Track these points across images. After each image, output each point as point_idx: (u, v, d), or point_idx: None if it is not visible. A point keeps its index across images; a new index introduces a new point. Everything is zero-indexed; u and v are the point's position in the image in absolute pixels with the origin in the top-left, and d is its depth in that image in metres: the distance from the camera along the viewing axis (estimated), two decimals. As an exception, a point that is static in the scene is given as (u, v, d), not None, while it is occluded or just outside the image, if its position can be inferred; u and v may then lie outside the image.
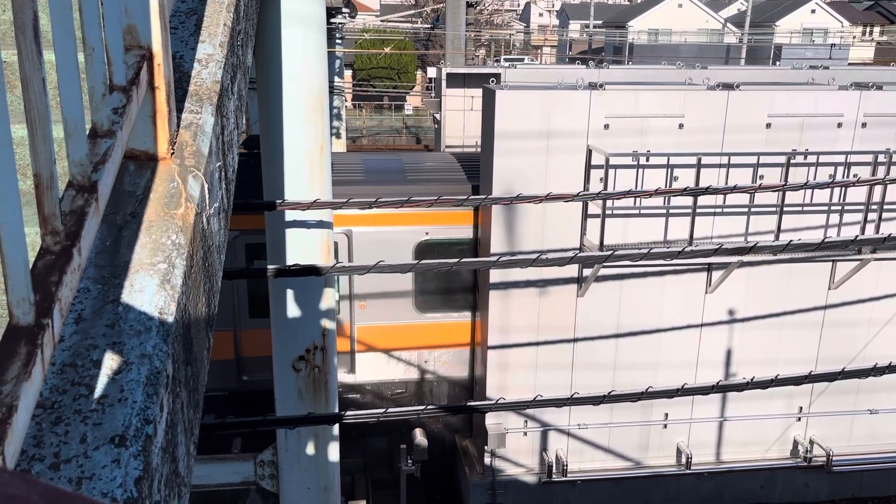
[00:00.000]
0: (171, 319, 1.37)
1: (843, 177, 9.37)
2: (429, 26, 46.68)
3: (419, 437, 10.12)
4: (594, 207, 8.93)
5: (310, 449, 5.39)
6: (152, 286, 1.39)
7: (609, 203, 8.79)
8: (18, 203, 0.97)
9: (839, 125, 9.42)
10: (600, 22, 53.44)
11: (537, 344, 9.73)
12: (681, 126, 9.15)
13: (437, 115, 14.92)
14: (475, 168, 10.24)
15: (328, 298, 5.20)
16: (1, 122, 0.94)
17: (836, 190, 9.48)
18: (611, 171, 8.84)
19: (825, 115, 9.37)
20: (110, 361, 1.25)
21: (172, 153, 1.69)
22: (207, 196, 1.76)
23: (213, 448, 7.91)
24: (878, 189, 9.20)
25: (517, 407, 4.63)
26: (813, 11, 51.84)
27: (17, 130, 1.63)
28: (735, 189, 4.92)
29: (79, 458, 1.11)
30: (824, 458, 10.41)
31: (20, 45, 1.03)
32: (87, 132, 1.33)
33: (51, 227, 1.12)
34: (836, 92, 9.55)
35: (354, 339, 10.21)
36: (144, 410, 1.20)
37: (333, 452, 5.53)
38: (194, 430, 1.60)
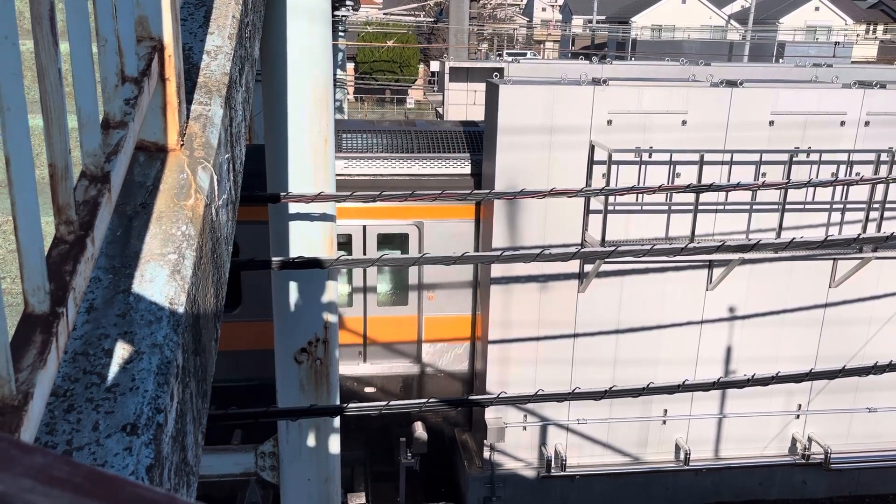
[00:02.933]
0: (181, 310, 1.38)
1: (846, 175, 9.37)
2: (432, 20, 46.61)
3: (419, 430, 10.15)
4: (596, 203, 8.94)
5: (311, 441, 5.42)
6: (163, 276, 1.39)
7: (611, 199, 8.79)
8: (35, 192, 0.98)
9: (842, 123, 9.42)
10: (603, 17, 53.32)
11: (538, 339, 9.75)
12: (684, 123, 9.14)
13: (440, 109, 14.92)
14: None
15: (330, 291, 5.21)
16: (19, 112, 0.94)
17: (839, 188, 9.48)
18: (613, 167, 8.84)
19: (828, 114, 9.36)
20: (122, 351, 1.26)
21: (182, 144, 1.70)
22: (216, 187, 1.77)
23: (214, 439, 7.94)
24: (880, 188, 9.19)
25: (518, 401, 4.66)
26: (816, 9, 51.73)
27: (31, 120, 1.64)
28: (737, 186, 4.93)
29: (91, 446, 1.12)
30: (822, 456, 10.45)
31: (36, 36, 1.04)
32: (100, 123, 1.34)
33: (65, 216, 1.13)
34: (840, 90, 9.54)
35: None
36: (155, 399, 1.21)
37: (334, 444, 5.55)
38: (202, 420, 1.61)
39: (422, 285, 10.10)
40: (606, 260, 8.88)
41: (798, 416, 10.55)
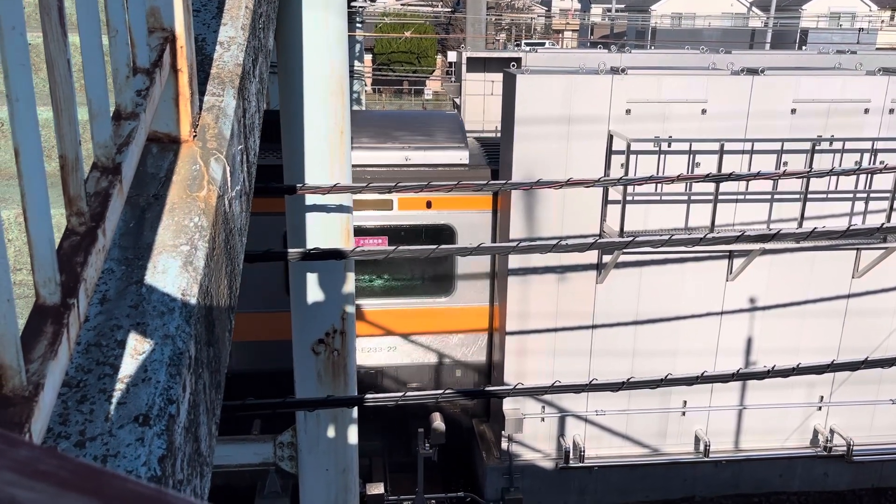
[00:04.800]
0: (193, 301, 1.38)
1: (870, 164, 9.22)
2: (449, 10, 46.46)
3: (437, 421, 10.17)
4: (615, 193, 8.87)
5: (328, 431, 5.44)
6: (175, 268, 1.40)
7: (630, 189, 8.72)
8: (45, 184, 0.98)
9: (866, 111, 9.26)
10: (623, 6, 52.79)
11: (555, 330, 9.72)
12: (704, 111, 9.04)
13: (457, 100, 14.87)
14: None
15: (348, 282, 5.22)
16: (28, 104, 0.94)
17: (862, 177, 9.33)
18: (632, 157, 8.77)
19: (852, 101, 9.21)
20: (134, 342, 1.26)
21: (195, 136, 1.70)
22: (229, 179, 1.77)
23: (233, 429, 7.99)
24: (905, 176, 9.04)
25: (535, 392, 4.64)
26: (841, -6, 50.78)
27: (42, 112, 1.65)
28: (758, 175, 4.85)
29: (104, 437, 1.12)
30: (845, 448, 10.33)
31: (45, 27, 1.04)
32: (111, 114, 1.34)
33: (76, 208, 1.14)
34: (864, 77, 9.38)
35: None
36: (168, 390, 1.21)
37: (352, 435, 5.58)
38: (216, 411, 1.61)
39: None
40: (625, 251, 8.82)
41: (820, 408, 10.43)
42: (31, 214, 0.98)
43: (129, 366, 1.23)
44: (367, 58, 39.20)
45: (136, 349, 1.25)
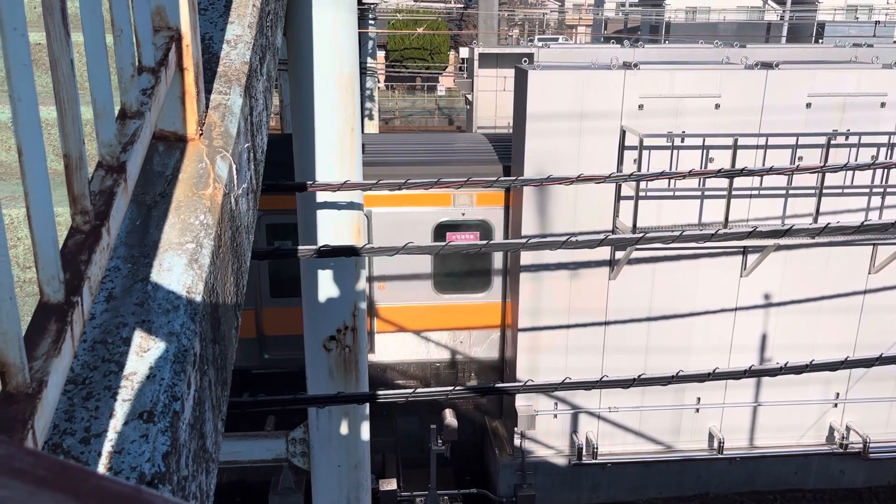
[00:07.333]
0: (198, 298, 1.39)
1: (886, 158, 9.12)
2: (462, 6, 46.40)
3: (449, 417, 10.18)
4: (627, 189, 8.83)
5: (340, 427, 5.46)
6: (180, 265, 1.40)
7: (642, 185, 8.67)
8: (47, 183, 0.99)
9: (882, 105, 9.16)
10: (636, 0, 52.41)
11: (568, 327, 9.70)
12: (717, 106, 8.97)
13: (470, 96, 14.85)
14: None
15: (359, 279, 5.23)
16: (29, 103, 0.95)
17: (878, 172, 9.23)
18: (645, 153, 8.72)
19: (868, 95, 9.11)
20: (139, 339, 1.27)
21: (201, 134, 1.70)
22: (236, 176, 1.78)
23: (248, 425, 8.05)
24: (922, 171, 8.93)
25: (546, 389, 4.64)
26: (858, -13, 50.10)
27: (50, 112, 1.66)
28: (771, 171, 4.81)
29: (108, 433, 1.13)
30: (861, 445, 10.24)
31: (48, 27, 1.04)
32: (117, 113, 1.35)
33: (80, 206, 1.14)
34: (880, 71, 9.27)
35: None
36: (172, 387, 1.22)
37: (364, 431, 5.59)
38: (222, 407, 1.62)
39: None
40: (637, 246, 8.78)
41: (836, 405, 10.34)
42: (35, 213, 0.98)
43: (134, 363, 1.24)
44: (380, 54, 39.17)
45: (141, 346, 1.26)
